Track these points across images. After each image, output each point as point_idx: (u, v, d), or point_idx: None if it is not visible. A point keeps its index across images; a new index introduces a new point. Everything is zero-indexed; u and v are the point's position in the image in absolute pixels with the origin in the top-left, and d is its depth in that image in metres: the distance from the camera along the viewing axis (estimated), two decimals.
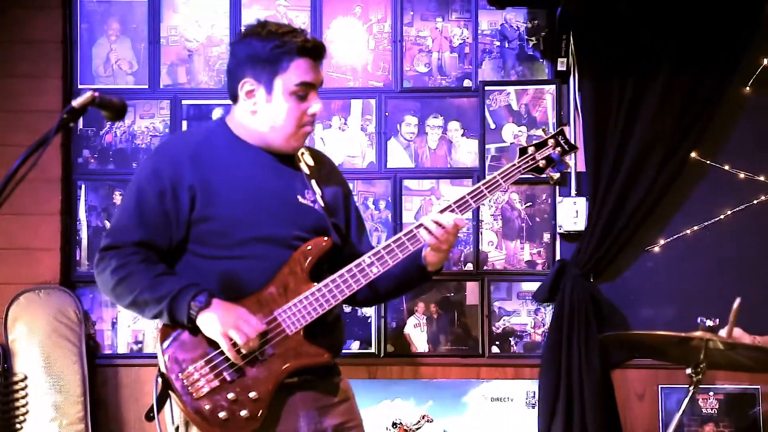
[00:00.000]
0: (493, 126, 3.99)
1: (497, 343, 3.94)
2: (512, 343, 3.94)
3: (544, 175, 2.80)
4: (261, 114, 2.64)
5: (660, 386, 3.86)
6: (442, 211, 2.65)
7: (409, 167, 4.02)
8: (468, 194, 2.68)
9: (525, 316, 3.95)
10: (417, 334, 3.95)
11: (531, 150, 2.77)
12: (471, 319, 3.95)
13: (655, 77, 3.83)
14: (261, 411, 2.53)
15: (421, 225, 2.63)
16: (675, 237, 3.90)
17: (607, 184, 3.84)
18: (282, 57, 2.59)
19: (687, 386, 2.88)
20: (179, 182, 2.59)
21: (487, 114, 3.99)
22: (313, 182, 2.73)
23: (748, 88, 3.89)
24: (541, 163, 2.77)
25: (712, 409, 3.83)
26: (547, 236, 3.97)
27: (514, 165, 2.74)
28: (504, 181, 2.71)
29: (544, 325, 3.93)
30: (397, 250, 2.62)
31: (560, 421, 3.75)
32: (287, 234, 2.63)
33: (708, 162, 3.89)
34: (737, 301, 2.84)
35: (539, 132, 2.83)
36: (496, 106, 3.99)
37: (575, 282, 3.83)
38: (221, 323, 2.50)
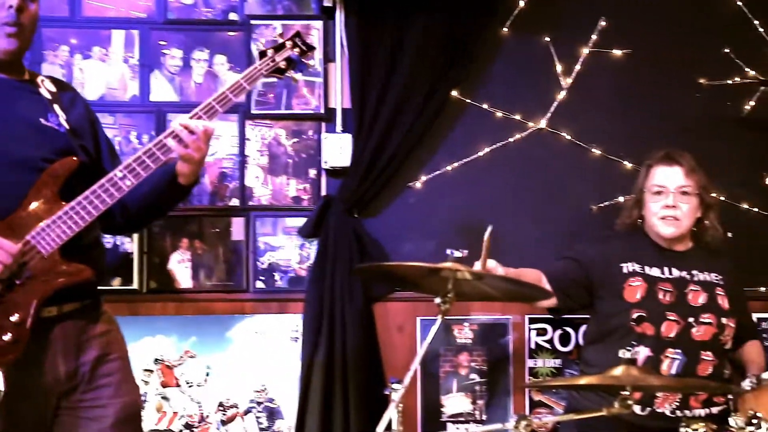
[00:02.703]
0: None
1: (262, 278, 3.95)
2: (277, 278, 3.96)
3: (286, 76, 2.91)
4: None
5: (419, 318, 3.96)
6: (190, 117, 2.67)
7: (173, 101, 3.94)
8: (213, 99, 2.72)
9: (290, 251, 3.97)
10: (181, 269, 3.91)
11: (270, 53, 2.89)
12: (236, 254, 3.94)
13: (417, 17, 3.88)
14: (24, 334, 2.47)
15: (171, 133, 2.63)
16: (436, 173, 4.00)
17: (371, 121, 3.88)
18: None
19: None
20: None
21: (253, 48, 3.94)
22: (56, 106, 2.68)
23: (505, 29, 4.01)
24: (282, 65, 2.89)
25: (466, 338, 3.98)
26: (312, 172, 3.99)
27: (256, 68, 2.85)
28: (247, 84, 2.79)
29: (309, 260, 3.95)
30: (148, 161, 2.61)
31: (322, 353, 3.80)
32: (33, 156, 2.57)
33: (468, 101, 4.00)
34: (488, 230, 2.93)
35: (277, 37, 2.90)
36: (262, 40, 3.96)
37: (339, 218, 3.88)
38: None
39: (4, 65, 2.64)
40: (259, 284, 3.95)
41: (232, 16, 3.98)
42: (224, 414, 3.88)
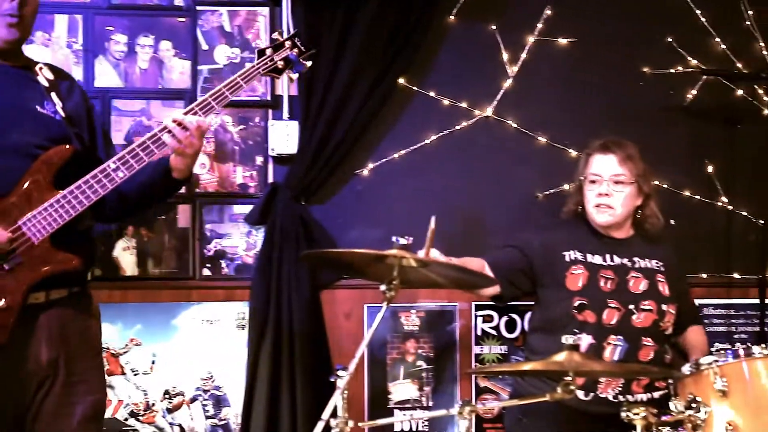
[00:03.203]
0: (205, 47, 3.93)
1: (209, 265, 3.93)
2: (224, 265, 3.94)
3: (283, 76, 2.97)
4: None
5: (366, 305, 3.97)
6: (185, 113, 2.72)
7: (118, 87, 3.90)
8: (210, 96, 2.78)
9: (237, 238, 3.95)
10: (126, 257, 3.88)
11: (269, 52, 2.92)
12: (182, 241, 3.92)
13: (365, 5, 3.87)
14: (11, 319, 2.50)
15: (165, 128, 2.68)
16: (383, 161, 4.00)
17: (318, 108, 3.87)
18: None
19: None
20: None
21: (199, 35, 3.92)
22: (53, 94, 2.71)
23: (452, 17, 4.02)
24: (280, 64, 2.93)
25: (413, 325, 4.00)
26: (259, 159, 3.97)
27: (254, 66, 2.89)
28: (244, 82, 2.85)
29: (255, 248, 3.94)
30: (141, 153, 2.66)
31: (269, 340, 3.80)
32: (27, 143, 2.60)
33: (414, 88, 4.01)
34: (432, 220, 2.94)
35: (275, 35, 2.94)
36: (208, 26, 3.93)
37: (286, 205, 3.87)
38: None
39: (3, 53, 2.69)
40: (206, 272, 3.93)
41: (178, 2, 3.94)
42: (170, 402, 3.87)
